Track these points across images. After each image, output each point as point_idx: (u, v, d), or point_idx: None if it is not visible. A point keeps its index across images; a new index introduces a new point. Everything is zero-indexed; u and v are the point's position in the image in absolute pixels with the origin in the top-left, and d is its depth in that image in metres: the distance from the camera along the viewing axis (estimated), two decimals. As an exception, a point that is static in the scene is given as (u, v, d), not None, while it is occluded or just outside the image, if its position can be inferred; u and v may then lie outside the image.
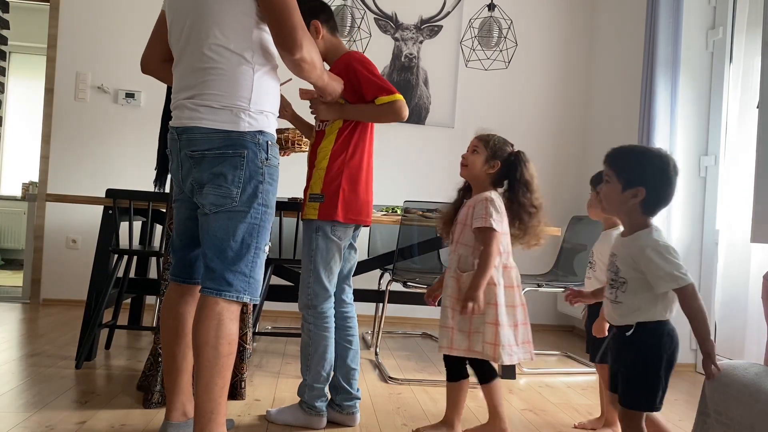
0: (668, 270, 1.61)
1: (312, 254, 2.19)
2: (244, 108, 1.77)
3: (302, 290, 2.23)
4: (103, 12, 4.46)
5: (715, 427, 1.72)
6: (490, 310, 2.07)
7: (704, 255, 3.65)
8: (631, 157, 1.74)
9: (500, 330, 2.05)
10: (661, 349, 1.65)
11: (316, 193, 2.17)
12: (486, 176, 2.22)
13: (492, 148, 2.24)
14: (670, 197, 1.70)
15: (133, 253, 3.03)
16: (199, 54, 1.77)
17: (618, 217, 1.90)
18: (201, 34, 1.77)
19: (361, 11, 3.92)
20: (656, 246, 1.64)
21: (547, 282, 3.52)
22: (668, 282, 1.62)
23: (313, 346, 2.21)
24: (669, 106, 3.60)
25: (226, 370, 1.76)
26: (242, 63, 1.77)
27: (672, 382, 1.61)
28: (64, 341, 3.31)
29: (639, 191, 1.67)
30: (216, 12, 1.75)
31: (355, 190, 2.19)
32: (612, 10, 4.57)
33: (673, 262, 1.62)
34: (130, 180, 4.33)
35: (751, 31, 3.36)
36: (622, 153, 1.74)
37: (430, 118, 4.65)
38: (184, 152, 1.81)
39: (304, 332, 2.24)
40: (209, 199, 1.78)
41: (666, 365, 1.65)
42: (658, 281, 1.63)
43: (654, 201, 1.68)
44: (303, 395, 2.26)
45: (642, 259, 1.65)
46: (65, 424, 2.12)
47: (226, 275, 1.77)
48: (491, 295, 2.07)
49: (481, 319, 2.08)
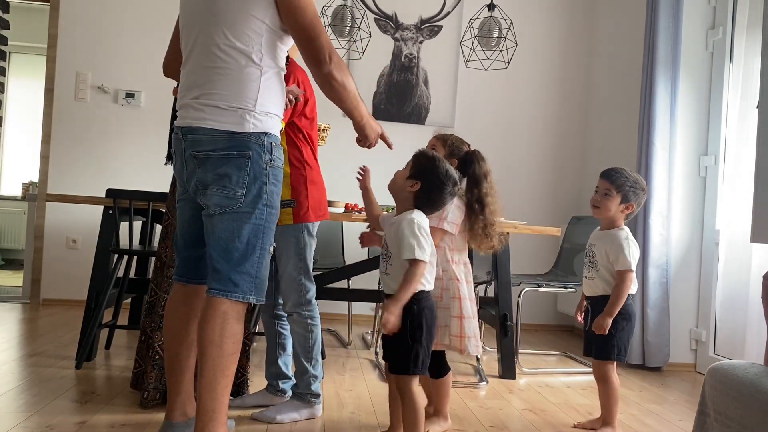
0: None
1: (301, 253, 2.31)
2: (250, 109, 1.77)
3: (291, 290, 2.32)
4: (103, 12, 4.46)
5: (715, 427, 1.72)
6: (455, 303, 2.20)
7: (704, 255, 3.65)
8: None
9: (464, 322, 2.19)
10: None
11: (286, 200, 2.26)
12: None
13: (450, 147, 2.34)
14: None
15: (133, 253, 3.03)
16: (207, 53, 1.78)
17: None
18: (210, 34, 1.78)
19: (361, 11, 3.92)
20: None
21: (547, 282, 3.52)
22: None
23: (313, 338, 2.35)
24: (669, 106, 3.60)
25: (229, 370, 1.77)
26: (250, 64, 1.77)
27: (672, 382, 1.62)
28: (64, 341, 3.31)
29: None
30: (226, 12, 1.76)
31: (319, 190, 2.36)
32: (612, 10, 4.57)
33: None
34: (130, 180, 4.33)
35: (751, 31, 3.36)
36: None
37: (430, 118, 4.65)
38: (188, 152, 1.81)
39: (300, 327, 2.33)
40: (214, 200, 1.78)
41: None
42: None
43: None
44: (303, 387, 2.35)
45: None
46: (65, 424, 2.12)
47: (232, 276, 1.78)
48: (454, 290, 2.21)
49: (447, 314, 2.19)
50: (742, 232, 3.20)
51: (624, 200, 2.36)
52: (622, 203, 2.36)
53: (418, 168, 1.98)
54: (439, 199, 1.99)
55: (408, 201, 1.99)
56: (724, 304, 3.35)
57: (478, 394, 2.87)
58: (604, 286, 2.38)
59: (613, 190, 2.35)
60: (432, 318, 1.94)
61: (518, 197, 4.67)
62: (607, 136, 4.51)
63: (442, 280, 2.21)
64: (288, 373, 2.48)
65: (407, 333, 1.88)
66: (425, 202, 1.98)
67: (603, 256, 2.38)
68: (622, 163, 4.28)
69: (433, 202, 1.99)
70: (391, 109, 4.63)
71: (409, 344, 1.89)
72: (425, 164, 1.98)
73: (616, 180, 2.35)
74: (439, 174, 1.96)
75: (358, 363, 3.28)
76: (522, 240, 4.21)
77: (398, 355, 1.92)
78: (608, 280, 2.37)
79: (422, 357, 1.90)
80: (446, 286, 2.22)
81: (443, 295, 2.21)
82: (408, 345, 1.89)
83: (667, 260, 3.58)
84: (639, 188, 2.37)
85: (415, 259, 1.87)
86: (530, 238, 4.38)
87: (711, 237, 3.60)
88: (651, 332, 3.53)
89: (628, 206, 2.36)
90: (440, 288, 2.20)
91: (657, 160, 3.57)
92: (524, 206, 4.62)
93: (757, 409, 1.57)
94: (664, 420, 2.65)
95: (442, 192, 1.97)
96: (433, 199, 1.98)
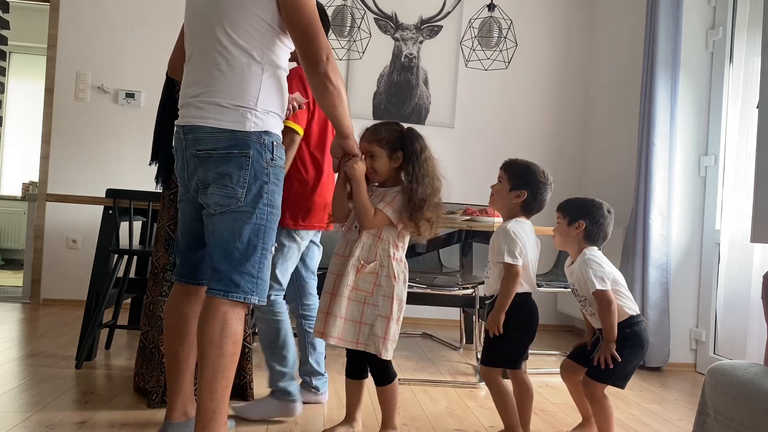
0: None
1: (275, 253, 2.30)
2: (251, 108, 1.77)
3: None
4: (103, 12, 4.46)
5: (715, 427, 1.72)
6: (386, 302, 2.03)
7: (704, 255, 3.65)
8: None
9: (391, 324, 2.03)
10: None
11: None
12: (394, 171, 2.11)
13: (388, 143, 2.08)
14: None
15: (133, 253, 3.03)
16: (210, 51, 1.78)
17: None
18: (212, 32, 1.77)
19: (361, 11, 3.92)
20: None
21: (547, 282, 3.52)
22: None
23: (278, 335, 2.35)
24: (669, 106, 3.60)
25: (229, 370, 1.76)
26: (252, 62, 1.77)
27: (672, 382, 1.62)
28: (64, 341, 3.31)
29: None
30: (228, 10, 1.76)
31: (308, 199, 2.35)
32: (612, 10, 4.57)
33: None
34: (130, 180, 4.33)
35: (751, 31, 3.36)
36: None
37: (430, 118, 4.65)
38: (189, 151, 1.81)
39: (263, 323, 2.37)
40: (214, 200, 1.78)
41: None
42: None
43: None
44: (272, 384, 2.36)
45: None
46: (65, 424, 2.12)
47: (232, 276, 1.77)
48: (389, 288, 2.04)
49: (374, 311, 2.04)
50: (743, 232, 3.20)
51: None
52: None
53: (518, 179, 2.17)
54: (544, 199, 2.22)
55: (515, 210, 2.20)
56: (724, 304, 3.34)
57: (478, 394, 2.87)
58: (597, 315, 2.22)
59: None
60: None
61: (518, 197, 4.66)
62: (607, 136, 4.51)
63: (377, 275, 2.05)
64: (320, 369, 2.53)
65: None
66: (533, 207, 2.22)
67: (582, 286, 2.22)
68: (623, 163, 4.31)
69: (540, 204, 2.22)
70: (391, 109, 4.63)
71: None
72: (522, 172, 2.18)
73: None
74: (539, 177, 2.18)
75: (358, 363, 3.27)
76: (522, 240, 4.20)
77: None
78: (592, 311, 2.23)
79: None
80: (381, 283, 2.05)
81: (374, 291, 2.05)
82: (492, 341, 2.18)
83: (667, 260, 3.58)
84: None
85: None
86: (530, 238, 4.38)
87: (711, 237, 3.60)
88: (651, 332, 3.52)
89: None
90: (372, 283, 2.05)
91: (657, 160, 3.57)
92: (524, 206, 4.62)
93: (757, 409, 1.57)
94: (664, 420, 2.65)
95: (546, 191, 2.21)
96: (540, 200, 2.21)
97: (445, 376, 3.15)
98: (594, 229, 2.23)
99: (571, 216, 2.25)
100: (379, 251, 2.06)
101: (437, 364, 3.36)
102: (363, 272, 2.04)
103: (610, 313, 2.12)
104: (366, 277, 2.04)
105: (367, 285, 2.04)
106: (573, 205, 2.29)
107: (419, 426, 2.36)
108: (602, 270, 2.16)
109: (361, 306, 2.04)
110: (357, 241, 2.07)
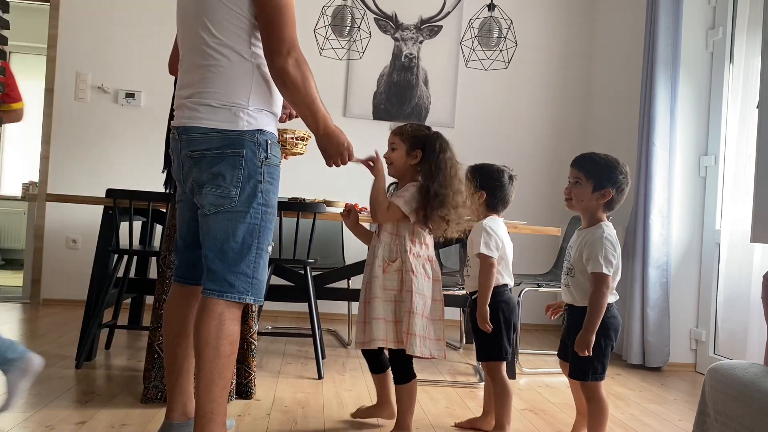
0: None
1: None
2: (243, 106, 1.75)
3: None
4: (103, 12, 4.46)
5: (715, 427, 1.72)
6: (407, 297, 2.07)
7: (704, 255, 3.65)
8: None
9: (414, 319, 2.06)
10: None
11: None
12: (411, 168, 2.17)
13: (409, 139, 2.15)
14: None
15: (133, 253, 3.03)
16: (198, 51, 1.77)
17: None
18: (198, 31, 1.76)
19: (361, 11, 3.92)
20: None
21: (547, 282, 3.51)
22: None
23: None
24: (669, 106, 3.60)
25: (226, 371, 1.76)
26: (242, 60, 1.75)
27: (672, 382, 1.62)
28: (64, 341, 3.31)
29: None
30: (207, 8, 1.74)
31: None
32: (612, 10, 4.57)
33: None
34: (130, 180, 4.33)
35: (751, 31, 3.36)
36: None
37: (430, 118, 4.64)
38: (184, 152, 1.80)
39: None
40: (208, 200, 1.77)
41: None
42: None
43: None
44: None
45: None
46: (65, 424, 2.12)
47: (227, 276, 1.76)
48: (408, 283, 2.08)
49: (401, 308, 2.09)
50: (743, 232, 3.20)
51: (597, 188, 2.07)
52: (595, 191, 2.07)
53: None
54: (505, 195, 2.31)
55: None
56: (724, 304, 3.35)
57: (478, 394, 2.86)
58: (580, 296, 2.08)
59: (583, 178, 2.09)
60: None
61: (518, 197, 4.59)
62: (607, 136, 4.51)
63: (400, 272, 2.10)
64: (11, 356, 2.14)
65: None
66: (496, 205, 2.30)
67: (579, 259, 2.09)
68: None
69: (503, 201, 2.32)
70: (391, 109, 4.63)
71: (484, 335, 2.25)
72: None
73: (584, 166, 2.10)
74: (492, 174, 2.26)
75: (359, 363, 3.28)
76: (522, 240, 4.20)
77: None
78: (585, 290, 2.06)
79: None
80: (403, 279, 2.09)
81: (401, 287, 2.10)
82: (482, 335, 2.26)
83: (667, 260, 3.58)
84: (615, 171, 2.07)
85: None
86: (530, 238, 4.38)
87: (711, 237, 3.60)
88: (651, 332, 3.53)
89: (604, 193, 2.07)
90: (398, 280, 2.10)
91: (657, 160, 3.57)
92: (524, 206, 4.61)
93: (757, 409, 1.57)
94: (664, 420, 2.65)
95: (503, 187, 2.29)
96: (502, 198, 2.31)
97: (444, 376, 3.15)
98: (618, 199, 2.10)
99: (598, 182, 2.07)
100: (398, 248, 2.12)
101: (437, 364, 3.36)
102: (389, 271, 2.10)
103: (598, 302, 2.00)
104: (392, 275, 2.11)
105: (393, 283, 2.10)
106: (602, 168, 2.09)
107: (419, 426, 2.36)
108: (612, 256, 2.01)
109: (392, 304, 2.10)
110: (378, 243, 2.14)
